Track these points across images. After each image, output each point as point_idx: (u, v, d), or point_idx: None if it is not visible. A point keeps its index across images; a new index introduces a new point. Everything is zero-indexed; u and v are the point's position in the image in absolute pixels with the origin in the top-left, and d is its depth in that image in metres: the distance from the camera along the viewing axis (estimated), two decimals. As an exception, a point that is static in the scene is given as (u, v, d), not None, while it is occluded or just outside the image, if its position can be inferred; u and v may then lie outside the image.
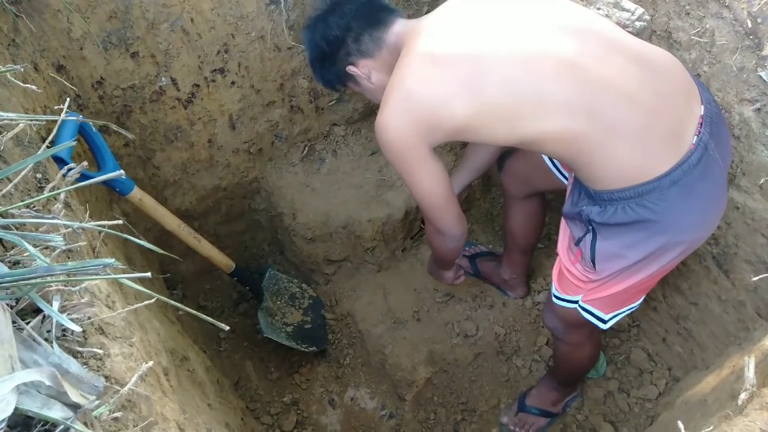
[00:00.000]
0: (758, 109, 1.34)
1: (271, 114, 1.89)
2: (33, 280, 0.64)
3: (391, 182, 2.14)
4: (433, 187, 1.31)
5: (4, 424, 0.54)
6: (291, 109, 1.93)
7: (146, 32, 1.47)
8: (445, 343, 2.06)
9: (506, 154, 1.74)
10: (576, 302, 1.43)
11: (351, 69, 1.39)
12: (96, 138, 1.30)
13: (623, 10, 1.33)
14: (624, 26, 1.33)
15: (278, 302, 2.07)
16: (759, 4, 1.24)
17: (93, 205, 1.36)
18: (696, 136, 1.19)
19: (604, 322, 1.43)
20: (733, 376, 1.41)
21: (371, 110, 2.09)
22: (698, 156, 1.17)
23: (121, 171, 0.63)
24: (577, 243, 1.34)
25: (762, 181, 1.39)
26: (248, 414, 1.87)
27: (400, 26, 1.34)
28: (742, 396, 1.08)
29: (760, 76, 1.29)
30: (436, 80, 1.19)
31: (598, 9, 1.35)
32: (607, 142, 1.16)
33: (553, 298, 1.50)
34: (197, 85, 1.65)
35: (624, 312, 1.44)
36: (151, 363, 0.77)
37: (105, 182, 1.29)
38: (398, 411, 2.00)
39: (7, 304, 0.64)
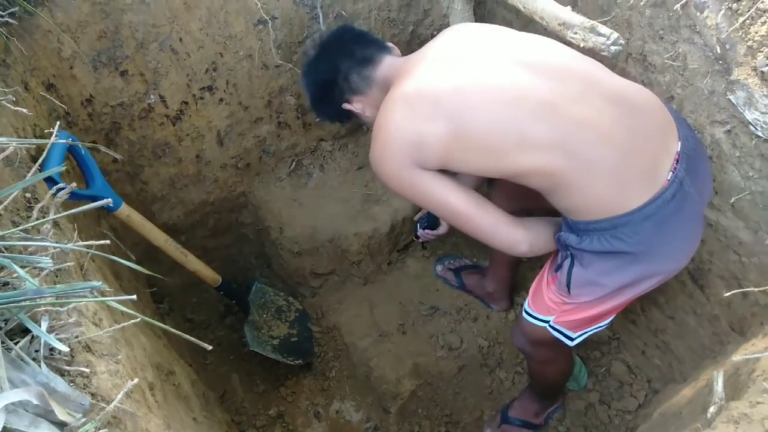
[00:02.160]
0: (728, 131, 1.39)
1: (259, 130, 1.93)
2: (23, 303, 0.67)
3: (377, 197, 2.17)
4: (443, 198, 1.30)
5: (-7, 443, 0.57)
6: (278, 125, 1.97)
7: (135, 51, 1.50)
8: (429, 355, 2.09)
9: None
10: (547, 322, 1.46)
11: (346, 106, 1.45)
12: (85, 156, 1.32)
13: (599, 34, 1.37)
14: (599, 50, 1.38)
15: (265, 315, 2.09)
16: (727, 31, 1.29)
17: (81, 221, 1.38)
18: (671, 173, 1.23)
19: (572, 339, 1.47)
20: (706, 389, 1.45)
21: (358, 126, 2.13)
22: (672, 192, 1.22)
23: (109, 200, 0.66)
24: (557, 270, 1.38)
25: (733, 199, 1.44)
26: (233, 427, 1.89)
27: (387, 63, 1.39)
28: (711, 410, 1.12)
29: (729, 100, 1.34)
30: (419, 116, 1.23)
31: (575, 33, 1.39)
32: (583, 177, 1.20)
33: (524, 314, 1.53)
34: (186, 103, 1.68)
35: (592, 331, 1.48)
36: (136, 380, 0.80)
37: (93, 199, 1.31)
38: (383, 423, 2.02)
39: (-3, 326, 0.66)
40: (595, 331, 1.49)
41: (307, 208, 2.12)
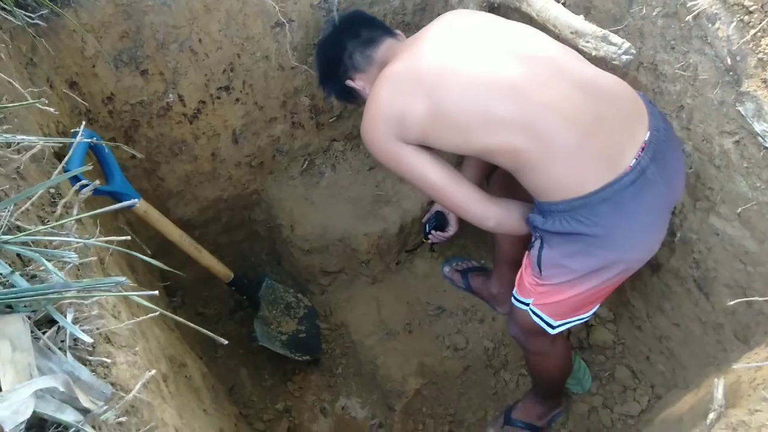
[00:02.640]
0: (737, 142, 1.41)
1: (273, 129, 1.96)
2: (51, 295, 0.70)
3: (388, 197, 2.20)
4: (420, 171, 1.41)
5: (23, 426, 0.60)
6: (292, 124, 2.00)
7: (156, 51, 1.54)
8: (435, 355, 2.12)
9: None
10: (528, 305, 1.52)
11: (349, 83, 1.58)
12: (105, 153, 1.37)
13: (611, 44, 1.39)
14: (611, 59, 1.40)
15: (274, 311, 2.12)
16: (738, 43, 1.31)
17: (100, 216, 1.42)
18: (635, 160, 1.27)
19: (553, 327, 1.51)
20: (708, 396, 1.47)
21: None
22: (632, 178, 1.26)
23: (135, 200, 0.69)
24: (529, 249, 1.45)
25: (740, 209, 1.46)
26: (241, 420, 1.93)
27: (387, 44, 1.53)
28: (711, 416, 1.14)
29: (739, 111, 1.35)
30: (402, 92, 1.35)
31: (587, 42, 1.41)
32: (544, 158, 1.27)
33: (513, 299, 1.59)
34: (203, 102, 1.72)
35: (573, 322, 1.52)
36: (153, 372, 0.84)
37: (113, 194, 1.36)
38: (388, 421, 2.05)
39: (27, 316, 0.70)
40: (576, 322, 1.54)
41: (319, 206, 2.16)
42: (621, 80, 1.38)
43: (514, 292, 1.59)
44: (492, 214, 1.45)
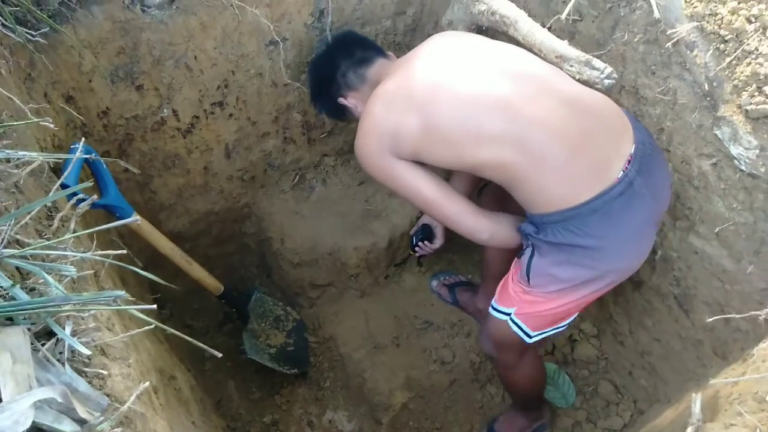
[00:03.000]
0: (714, 164, 1.46)
1: (265, 144, 2.00)
2: (50, 308, 0.73)
3: (377, 212, 2.24)
4: (414, 185, 1.45)
5: (23, 436, 0.62)
6: (284, 140, 2.03)
7: (152, 67, 1.57)
8: (422, 369, 2.14)
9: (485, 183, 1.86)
10: (509, 315, 1.54)
11: (341, 101, 1.62)
12: (100, 166, 1.39)
13: (593, 68, 1.44)
14: (593, 83, 1.45)
15: (263, 324, 2.14)
16: (715, 69, 1.37)
17: (93, 227, 1.44)
18: (622, 172, 1.33)
19: (530, 337, 1.55)
20: (687, 411, 1.50)
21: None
22: (621, 189, 1.32)
23: (137, 219, 0.72)
24: (519, 256, 1.49)
25: (718, 229, 1.50)
26: (229, 432, 1.93)
27: (379, 64, 1.58)
28: (689, 430, 1.18)
29: (716, 134, 1.41)
30: (395, 109, 1.39)
31: (571, 66, 1.46)
32: (534, 172, 1.32)
33: (491, 309, 1.62)
34: (197, 117, 1.75)
35: (550, 332, 1.57)
36: (147, 383, 0.85)
37: (107, 208, 1.37)
38: (375, 434, 2.07)
39: (27, 328, 0.72)
40: (554, 332, 1.58)
41: (309, 220, 2.18)
42: (606, 96, 1.44)
43: (493, 302, 1.62)
44: (484, 227, 1.49)
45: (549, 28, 1.64)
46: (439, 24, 1.90)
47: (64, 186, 1.08)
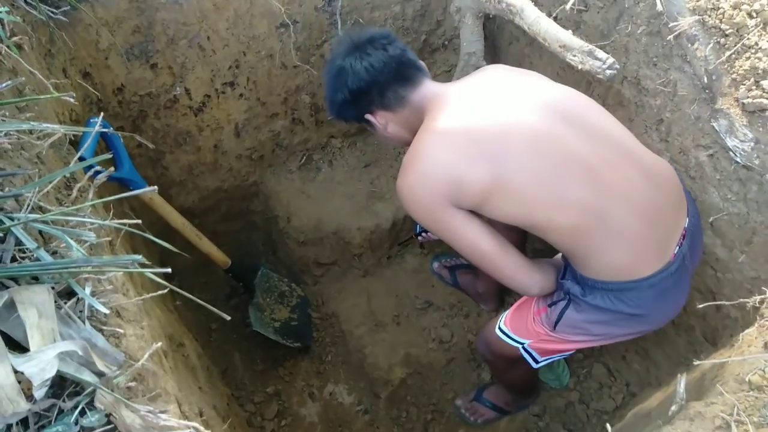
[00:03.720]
0: (711, 155, 1.49)
1: (274, 125, 2.04)
2: (73, 269, 0.79)
3: (382, 194, 2.28)
4: (471, 240, 1.29)
5: (48, 382, 0.68)
6: (293, 121, 2.08)
7: (166, 47, 1.62)
8: (421, 347, 2.20)
9: None
10: (522, 344, 1.53)
11: (369, 117, 1.41)
12: (116, 141, 1.44)
13: (596, 58, 1.47)
14: (595, 73, 1.48)
15: (268, 299, 2.20)
16: (714, 63, 1.39)
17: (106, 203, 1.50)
18: (678, 247, 1.31)
19: (537, 362, 1.55)
20: (675, 392, 1.57)
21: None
22: (676, 266, 1.31)
23: (154, 188, 0.77)
24: (550, 305, 1.43)
25: (712, 219, 1.54)
26: (233, 401, 2.01)
27: (426, 87, 1.36)
28: (673, 408, 1.23)
29: (713, 126, 1.44)
30: (462, 154, 1.21)
31: (574, 56, 1.50)
32: (606, 242, 1.25)
33: (498, 331, 1.57)
34: (208, 96, 1.80)
35: (557, 357, 1.58)
36: (160, 344, 0.92)
37: (121, 181, 1.43)
38: (373, 407, 2.13)
39: (51, 287, 0.78)
40: (561, 357, 1.59)
41: (315, 200, 2.23)
42: (669, 165, 1.40)
43: (503, 327, 1.57)
44: (536, 281, 1.37)
45: (555, 18, 1.66)
46: (448, 10, 1.93)
47: (82, 158, 1.13)
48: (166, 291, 0.88)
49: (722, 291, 1.60)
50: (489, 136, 1.22)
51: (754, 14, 1.35)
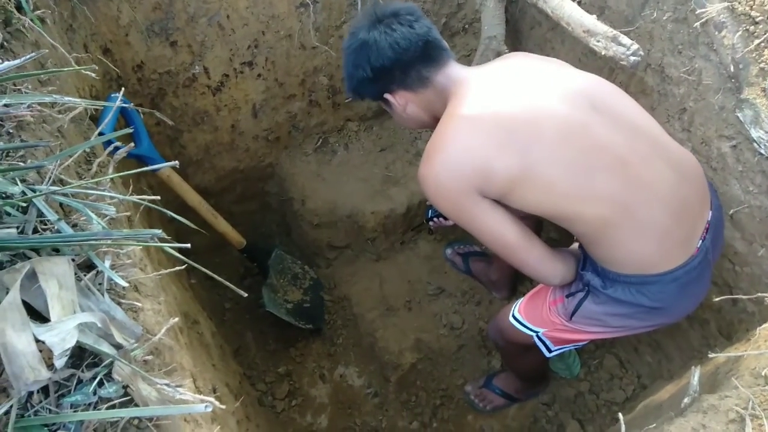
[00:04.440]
0: (734, 146, 1.47)
1: (291, 106, 2.04)
2: (93, 242, 0.79)
3: (396, 179, 2.28)
4: (497, 230, 1.26)
5: (68, 352, 0.69)
6: (310, 102, 2.08)
7: (186, 24, 1.61)
8: (432, 332, 2.21)
9: None
10: (536, 332, 1.52)
11: (388, 96, 1.36)
12: (135, 118, 1.45)
13: (620, 44, 1.45)
14: (619, 59, 1.46)
15: (281, 280, 2.22)
16: (742, 51, 1.36)
17: (125, 178, 1.51)
18: (701, 241, 1.29)
19: (550, 351, 1.54)
20: (687, 385, 1.56)
21: (384, 109, 2.23)
22: (699, 260, 1.29)
23: (176, 162, 0.77)
24: (568, 295, 1.41)
25: (732, 211, 1.52)
26: (245, 379, 2.03)
27: (450, 69, 1.31)
28: (686, 400, 1.23)
29: (738, 117, 1.41)
30: (491, 142, 1.18)
31: (598, 42, 1.47)
32: (632, 235, 1.23)
33: (512, 319, 1.56)
34: (227, 75, 1.80)
35: (571, 347, 1.57)
36: (177, 319, 0.93)
37: (140, 158, 1.44)
38: (383, 391, 2.15)
39: (71, 259, 0.79)
40: (575, 347, 1.59)
41: (330, 183, 2.24)
42: (693, 156, 1.38)
43: (517, 315, 1.56)
44: (559, 272, 1.35)
45: (579, 2, 1.64)
46: (469, -7, 1.91)
47: (102, 134, 1.14)
48: (183, 267, 0.89)
49: (739, 285, 1.58)
50: (518, 123, 1.18)
51: (787, 2, 1.32)
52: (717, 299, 1.61)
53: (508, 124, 1.18)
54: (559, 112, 1.20)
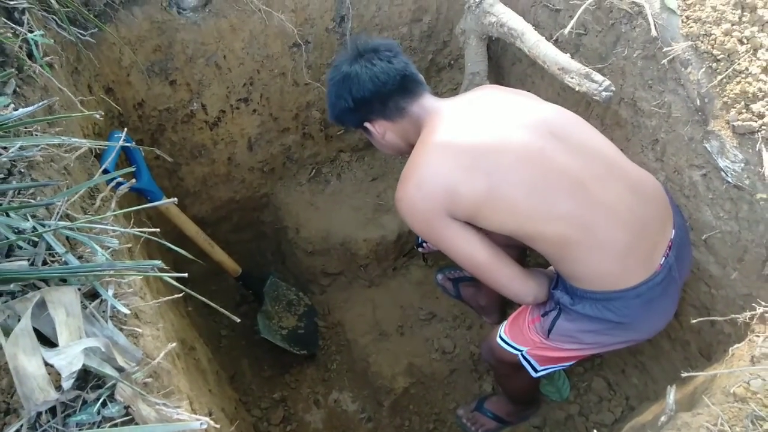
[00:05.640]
0: (704, 175, 1.54)
1: (285, 139, 2.13)
2: (98, 273, 0.86)
3: (388, 207, 2.35)
4: (467, 250, 1.34)
5: (75, 374, 0.75)
6: (303, 135, 2.16)
7: (185, 64, 1.71)
8: (424, 357, 2.25)
9: None
10: (520, 351, 1.59)
11: (367, 125, 1.47)
12: (136, 154, 1.53)
13: (593, 81, 1.54)
14: (592, 95, 1.55)
15: (276, 307, 2.27)
16: (706, 86, 1.45)
17: (126, 208, 1.58)
18: (664, 258, 1.36)
19: (536, 371, 1.60)
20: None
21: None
22: (662, 276, 1.36)
23: (174, 199, 0.84)
24: (543, 314, 1.50)
25: (705, 236, 1.59)
26: (240, 405, 2.07)
27: (425, 101, 1.42)
28: (662, 419, 1.28)
29: (706, 147, 1.49)
30: (459, 166, 1.27)
31: (572, 78, 1.56)
32: (592, 254, 1.31)
33: (499, 339, 1.64)
34: (223, 111, 1.89)
35: (557, 368, 1.63)
36: (174, 344, 0.99)
37: (140, 191, 1.51)
38: (376, 415, 2.18)
39: (78, 288, 0.85)
40: (560, 368, 1.64)
41: (323, 212, 2.31)
42: (655, 179, 1.46)
43: (503, 335, 1.63)
44: (531, 290, 1.42)
45: (555, 41, 1.74)
46: (454, 32, 2.01)
47: (105, 171, 1.21)
48: (181, 295, 0.95)
49: (716, 307, 1.64)
50: (482, 150, 1.28)
51: (745, 41, 1.41)
52: (695, 321, 1.67)
53: (473, 150, 1.28)
54: (520, 140, 1.29)
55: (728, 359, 1.40)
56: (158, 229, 1.09)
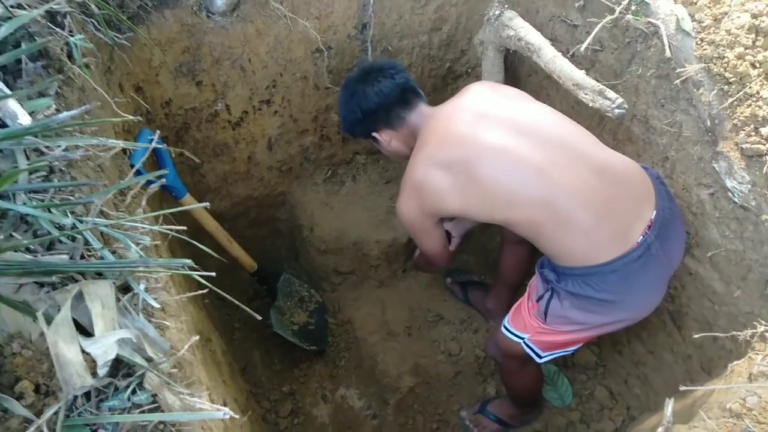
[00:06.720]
0: (711, 194, 1.58)
1: (304, 140, 2.18)
2: (131, 268, 0.92)
3: (401, 210, 2.40)
4: (432, 245, 1.71)
5: (110, 362, 0.82)
6: (321, 137, 2.22)
7: (211, 66, 1.77)
8: (430, 358, 2.29)
9: None
10: (523, 338, 1.68)
11: (375, 134, 1.70)
12: (163, 152, 1.59)
13: (606, 98, 1.57)
14: (605, 112, 1.58)
15: (288, 303, 2.33)
16: (717, 108, 1.49)
17: (150, 205, 1.65)
18: (642, 236, 1.43)
19: (540, 357, 1.68)
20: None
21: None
22: (639, 253, 1.43)
23: (207, 204, 0.90)
24: (538, 299, 1.60)
25: (710, 254, 1.62)
26: (251, 396, 2.13)
27: (421, 110, 1.64)
28: (659, 430, 1.32)
29: (714, 167, 1.53)
30: (438, 180, 1.50)
31: (585, 94, 1.60)
32: (560, 232, 1.44)
33: (503, 329, 1.75)
34: (246, 112, 1.95)
35: (560, 354, 1.70)
36: (197, 337, 1.05)
37: (166, 188, 1.58)
38: (381, 413, 2.23)
39: (113, 282, 0.92)
40: (563, 354, 1.71)
41: (337, 212, 2.36)
42: (633, 162, 1.54)
43: (507, 324, 1.74)
44: (443, 267, 1.88)
45: (572, 56, 1.78)
46: (472, 42, 2.06)
47: (139, 172, 1.28)
48: (205, 291, 1.01)
49: (718, 323, 1.68)
50: (459, 151, 1.47)
51: (757, 65, 1.44)
52: (697, 336, 1.71)
53: (451, 153, 1.48)
54: (488, 140, 1.46)
55: (727, 375, 1.43)
56: (185, 227, 1.15)
